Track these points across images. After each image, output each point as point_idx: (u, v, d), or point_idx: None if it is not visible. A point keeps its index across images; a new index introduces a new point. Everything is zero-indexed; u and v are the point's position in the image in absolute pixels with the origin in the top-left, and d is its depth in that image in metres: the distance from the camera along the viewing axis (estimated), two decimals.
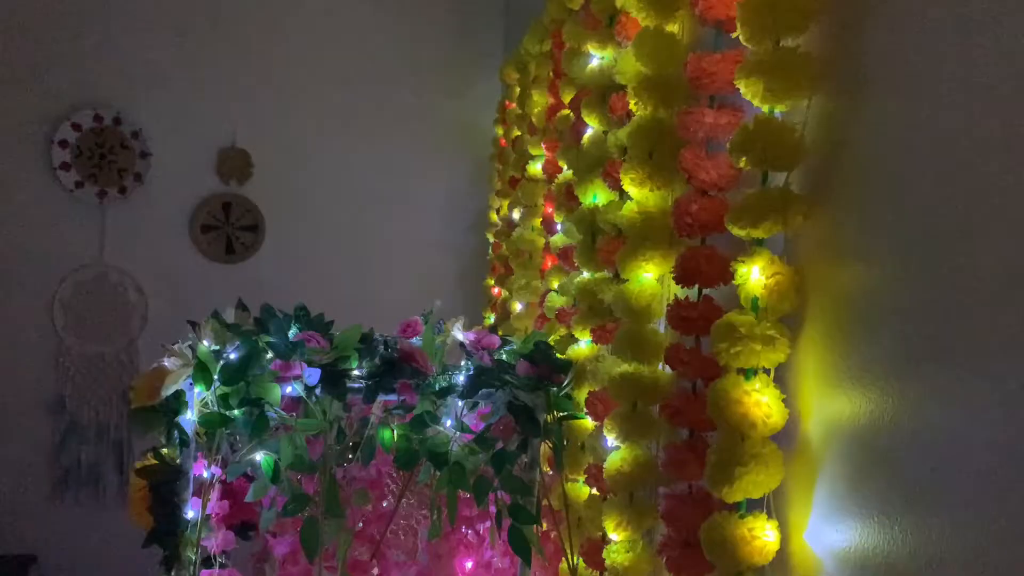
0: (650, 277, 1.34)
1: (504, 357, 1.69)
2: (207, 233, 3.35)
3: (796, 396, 0.93)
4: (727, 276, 1.08)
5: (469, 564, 1.65)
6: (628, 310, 1.32)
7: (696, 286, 1.11)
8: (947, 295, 0.73)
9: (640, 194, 1.31)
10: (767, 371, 0.93)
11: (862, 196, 0.86)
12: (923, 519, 0.74)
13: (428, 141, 3.47)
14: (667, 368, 1.36)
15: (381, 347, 1.60)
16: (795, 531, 0.92)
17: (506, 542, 1.67)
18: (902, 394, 0.77)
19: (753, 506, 0.94)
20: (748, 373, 0.93)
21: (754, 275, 0.92)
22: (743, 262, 0.93)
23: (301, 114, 3.39)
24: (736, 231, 0.94)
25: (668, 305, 1.13)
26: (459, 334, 1.71)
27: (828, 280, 0.90)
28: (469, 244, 3.48)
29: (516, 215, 2.52)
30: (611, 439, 1.37)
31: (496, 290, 2.96)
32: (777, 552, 0.93)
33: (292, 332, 1.60)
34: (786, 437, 0.94)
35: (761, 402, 0.90)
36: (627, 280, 1.36)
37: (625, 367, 1.36)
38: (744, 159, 0.92)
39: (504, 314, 2.67)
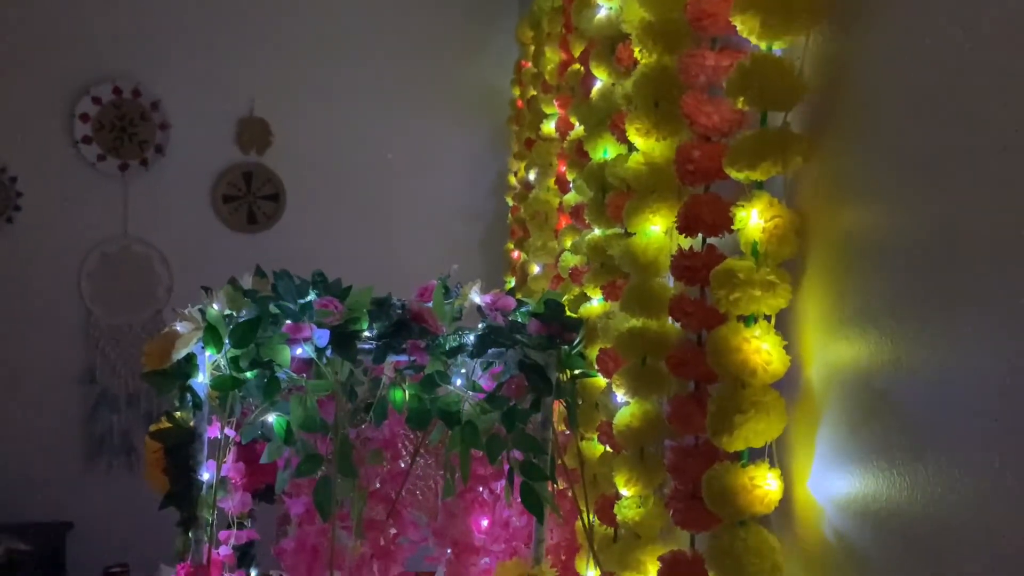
0: (657, 230, 1.31)
1: (519, 319, 1.68)
2: (229, 203, 3.37)
3: (798, 342, 0.91)
4: (731, 224, 1.05)
5: (485, 522, 1.65)
6: (635, 264, 1.30)
7: (699, 235, 1.08)
8: (947, 234, 0.70)
9: (646, 144, 1.28)
10: (768, 317, 0.91)
11: (862, 135, 0.83)
12: (923, 462, 0.72)
13: (447, 106, 3.44)
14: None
15: (397, 310, 1.60)
16: (798, 480, 0.90)
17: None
18: (901, 336, 0.75)
19: (756, 455, 0.92)
20: (748, 320, 0.91)
21: (753, 219, 0.89)
22: (742, 206, 0.90)
23: (318, 82, 3.38)
24: (734, 174, 0.91)
25: (672, 256, 1.11)
26: (476, 297, 1.69)
27: (828, 222, 0.87)
28: (490, 209, 3.46)
29: (532, 176, 2.50)
30: (620, 395, 1.35)
31: (515, 254, 2.95)
32: (781, 501, 0.92)
33: (310, 298, 1.60)
34: (789, 385, 0.91)
35: (761, 349, 0.88)
36: (634, 234, 1.34)
37: (633, 322, 1.34)
38: (741, 99, 0.89)
39: (523, 277, 2.66)
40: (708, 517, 1.07)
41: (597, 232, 1.64)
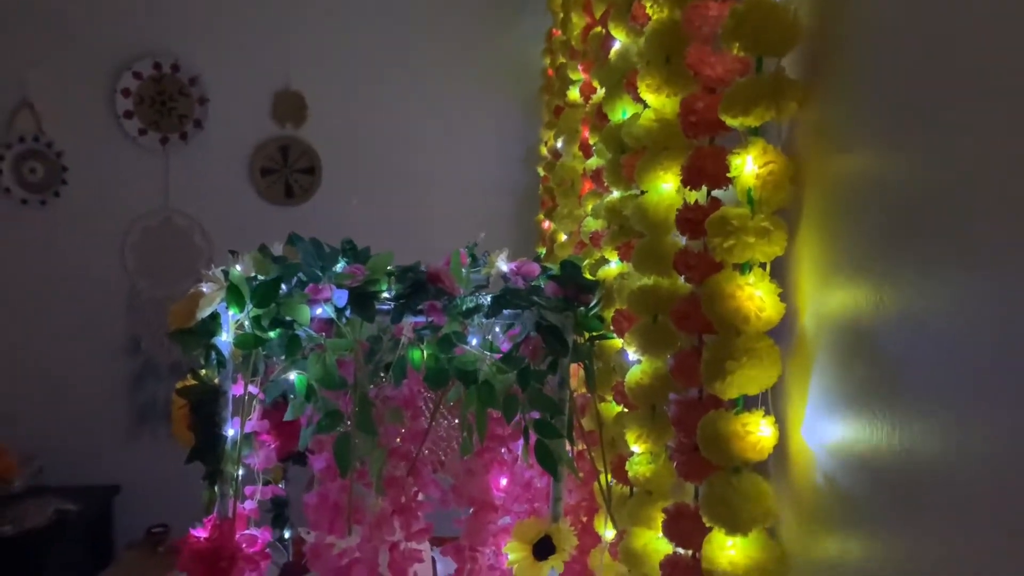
0: (669, 188, 1.31)
1: (540, 284, 1.69)
2: (266, 176, 3.43)
3: (794, 290, 0.91)
4: None
5: (504, 481, 1.67)
6: (646, 222, 1.30)
7: (703, 188, 1.07)
8: (936, 179, 0.69)
9: (657, 101, 1.28)
10: (763, 265, 0.90)
11: (857, 80, 0.81)
12: (900, 404, 0.71)
13: (480, 78, 3.45)
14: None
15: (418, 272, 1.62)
16: (793, 427, 0.90)
17: None
18: (884, 279, 0.74)
19: (752, 404, 0.92)
20: (744, 268, 0.90)
21: (748, 166, 0.89)
22: (737, 153, 0.90)
23: (354, 55, 3.41)
24: (729, 120, 0.91)
25: (677, 210, 1.11)
26: (503, 265, 1.71)
27: (822, 168, 0.86)
28: (523, 181, 3.47)
29: (560, 144, 2.49)
30: (631, 352, 1.36)
31: (545, 224, 2.95)
32: (777, 449, 0.92)
33: (340, 266, 1.63)
34: (785, 333, 0.91)
35: (754, 296, 0.88)
36: (645, 192, 1.34)
37: (644, 280, 1.34)
38: (736, 45, 0.88)
39: (551, 247, 2.67)
40: (708, 467, 1.08)
41: (615, 194, 1.64)
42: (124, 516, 3.31)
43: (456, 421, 1.77)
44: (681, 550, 1.13)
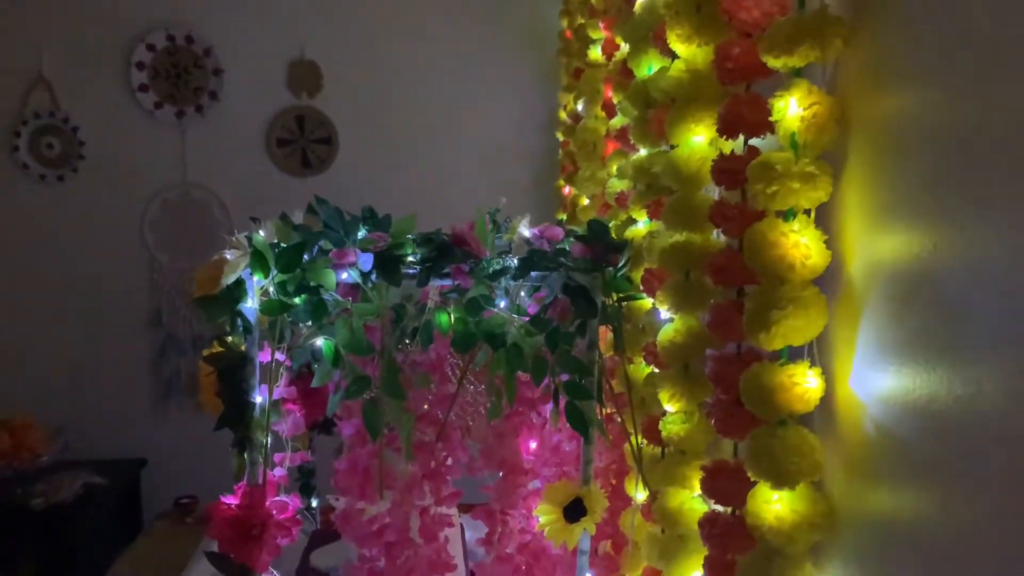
0: (700, 140, 1.28)
1: (566, 246, 1.66)
2: (283, 147, 3.41)
3: (839, 237, 0.88)
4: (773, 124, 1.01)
5: (533, 444, 1.66)
6: (677, 176, 1.27)
7: (740, 137, 1.04)
8: (999, 114, 0.66)
9: (687, 51, 1.24)
10: (807, 211, 0.87)
11: (907, 16, 0.78)
12: (957, 351, 0.69)
13: (497, 43, 3.40)
14: (720, 236, 1.31)
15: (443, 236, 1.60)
16: (840, 378, 0.87)
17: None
18: (939, 223, 0.71)
19: (796, 355, 0.90)
20: (787, 215, 0.88)
21: (791, 109, 0.85)
22: (780, 96, 0.87)
23: (368, 23, 3.36)
24: (771, 61, 0.88)
25: (712, 161, 1.08)
26: (525, 230, 1.68)
27: (870, 109, 0.83)
28: (541, 147, 3.43)
29: (580, 107, 2.45)
30: (663, 311, 1.34)
31: (566, 189, 2.92)
32: (823, 401, 0.89)
33: (361, 233, 1.61)
34: (830, 281, 0.88)
35: (800, 243, 0.85)
36: (676, 146, 1.31)
37: (676, 237, 1.31)
38: None
39: (574, 211, 2.64)
40: (750, 423, 1.05)
41: (642, 152, 1.61)
42: (152, 489, 3.34)
43: (482, 387, 1.75)
44: (720, 507, 1.11)
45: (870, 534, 0.85)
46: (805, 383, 0.87)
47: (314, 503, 2.39)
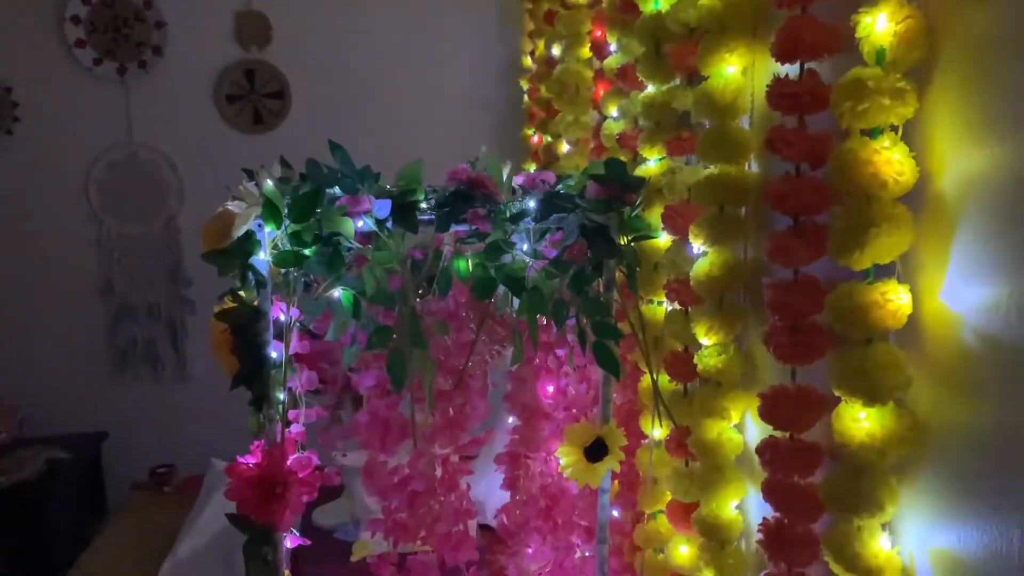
0: (734, 71, 1.27)
1: (561, 189, 1.64)
2: (233, 103, 3.28)
3: (926, 153, 0.88)
4: (832, 45, 1.01)
5: (551, 388, 1.65)
6: (712, 108, 1.26)
7: (798, 61, 1.04)
8: None
9: None
10: (895, 128, 0.88)
11: None
12: None
13: None
14: (760, 162, 1.32)
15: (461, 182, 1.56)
16: (927, 293, 0.89)
17: (580, 368, 1.68)
18: None
19: (881, 273, 0.91)
20: (874, 132, 0.88)
21: (879, 24, 0.85)
22: (866, 12, 0.86)
23: None
24: None
25: (767, 85, 1.07)
26: (513, 178, 1.65)
27: (963, 22, 0.83)
28: (501, 96, 3.38)
29: (556, 51, 2.42)
30: (698, 245, 1.34)
31: (536, 138, 2.89)
32: (909, 317, 0.90)
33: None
34: (914, 198, 0.89)
35: (892, 160, 0.85)
36: (707, 78, 1.30)
37: (710, 170, 1.31)
38: None
39: (549, 159, 2.61)
40: (813, 349, 1.07)
41: (650, 89, 1.59)
42: (114, 463, 3.23)
43: (484, 337, 1.73)
44: (779, 433, 1.12)
45: (958, 446, 0.87)
46: (898, 299, 0.88)
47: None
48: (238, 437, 2.71)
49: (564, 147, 2.45)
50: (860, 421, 0.92)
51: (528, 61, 2.98)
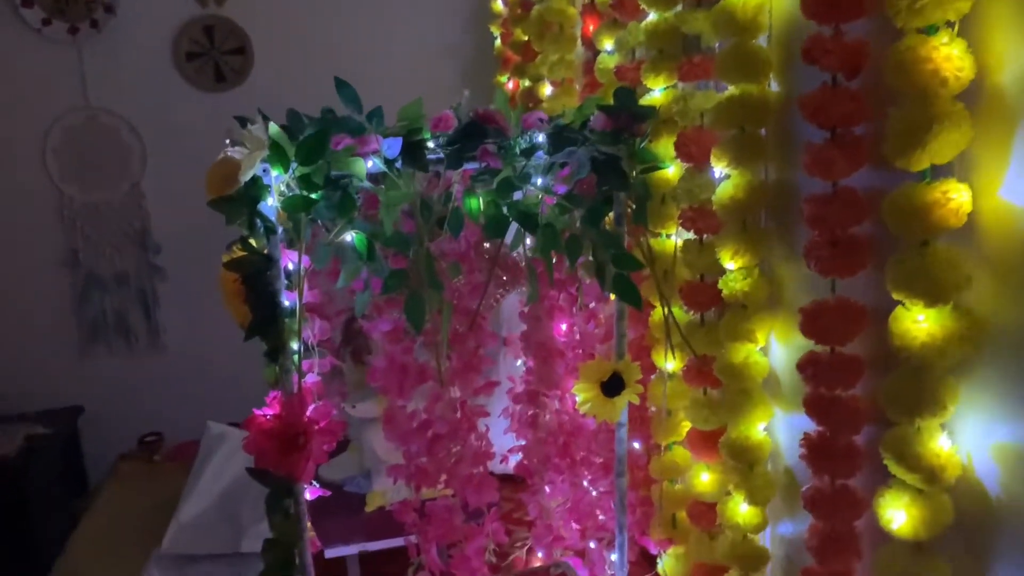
0: None
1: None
2: (192, 61, 3.16)
3: (983, 48, 0.87)
4: None
5: (564, 326, 1.64)
6: (734, 26, 1.24)
7: None
8: None
9: None
10: (951, 24, 0.87)
11: None
12: None
13: None
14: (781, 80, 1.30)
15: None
16: (985, 191, 0.89)
17: (586, 306, 1.67)
18: None
19: (938, 173, 0.91)
20: (930, 29, 0.87)
21: None
22: None
23: None
24: None
25: None
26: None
27: None
28: (468, 43, 3.31)
29: None
30: (721, 167, 1.33)
31: (512, 83, 2.84)
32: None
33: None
34: (969, 95, 0.89)
35: (952, 56, 0.85)
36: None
37: (730, 91, 1.30)
38: None
39: (528, 103, 2.57)
40: (853, 261, 1.07)
41: (653, 16, 1.57)
42: (92, 436, 3.15)
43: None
44: (819, 347, 1.13)
45: (1019, 342, 0.88)
46: (959, 197, 0.88)
47: None
48: (217, 404, 2.67)
49: (547, 89, 2.42)
50: (919, 323, 0.92)
51: (499, 6, 2.91)
